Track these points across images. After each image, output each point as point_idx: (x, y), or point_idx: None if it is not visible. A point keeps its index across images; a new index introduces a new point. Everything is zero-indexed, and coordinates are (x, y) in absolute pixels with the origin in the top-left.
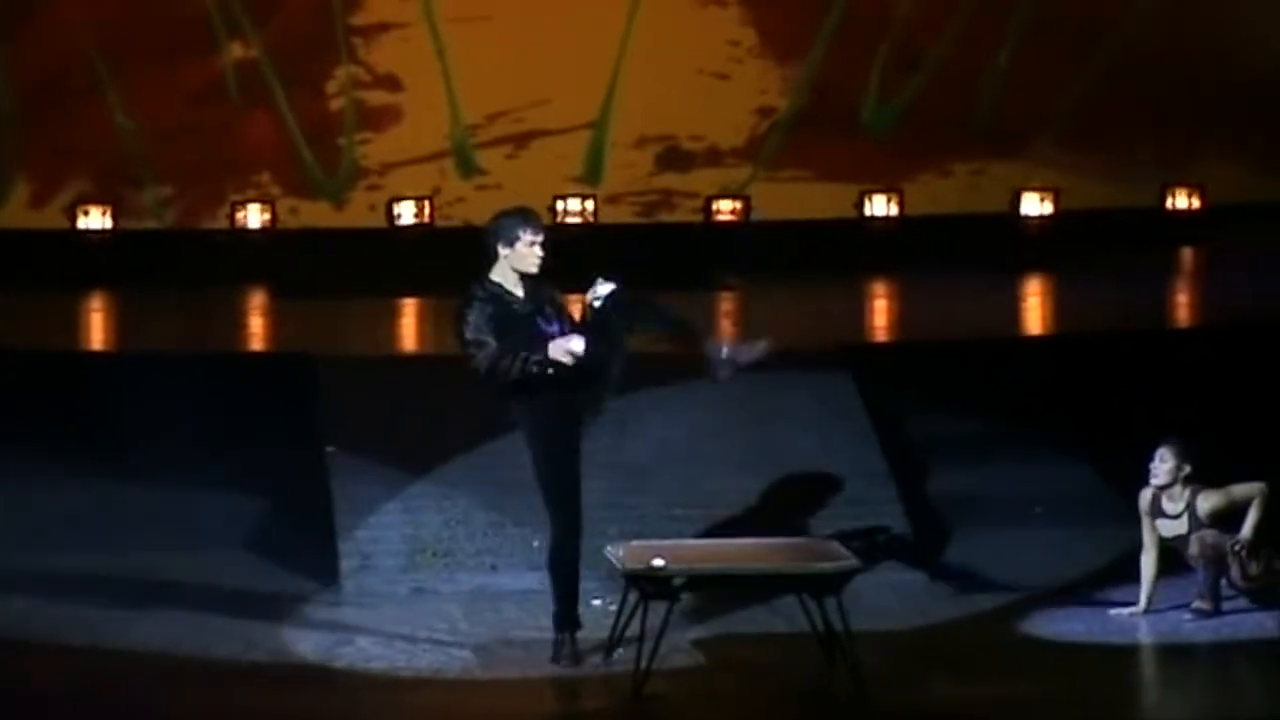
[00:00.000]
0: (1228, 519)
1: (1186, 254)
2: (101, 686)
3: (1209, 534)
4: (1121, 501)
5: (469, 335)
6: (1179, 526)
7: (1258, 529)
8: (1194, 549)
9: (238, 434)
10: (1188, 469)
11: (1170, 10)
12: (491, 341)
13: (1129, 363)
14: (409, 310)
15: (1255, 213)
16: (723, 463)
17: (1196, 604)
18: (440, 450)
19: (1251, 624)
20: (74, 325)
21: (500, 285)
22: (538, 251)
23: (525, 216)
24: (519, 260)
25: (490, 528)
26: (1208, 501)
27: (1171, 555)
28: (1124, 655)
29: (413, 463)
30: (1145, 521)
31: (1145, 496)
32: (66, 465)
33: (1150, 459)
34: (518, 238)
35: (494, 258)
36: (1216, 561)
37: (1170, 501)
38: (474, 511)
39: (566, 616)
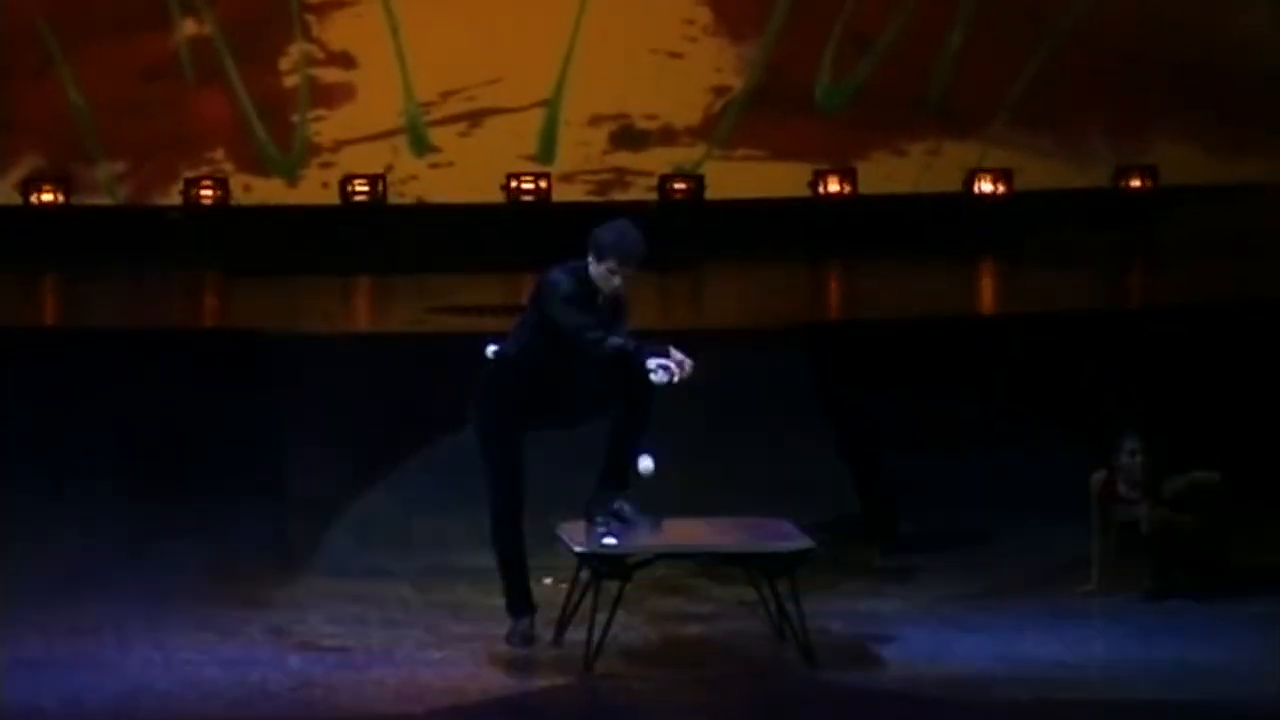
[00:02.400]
0: (1184, 503)
1: (1139, 235)
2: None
3: (1162, 514)
4: (1072, 483)
5: (564, 294)
6: (1133, 510)
7: (1209, 519)
8: (1145, 528)
9: (189, 410)
10: (1146, 454)
11: None
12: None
13: (1082, 344)
14: (362, 288)
15: (1207, 194)
16: (675, 441)
17: (1147, 585)
18: (394, 428)
19: (1200, 607)
20: (27, 301)
21: (588, 275)
22: (614, 282)
23: (626, 250)
24: (599, 277)
25: (444, 506)
26: (1167, 485)
27: (1124, 536)
28: (1072, 632)
29: (367, 440)
30: (1096, 505)
31: (1098, 479)
32: (16, 442)
33: (1107, 442)
34: (607, 257)
35: (589, 255)
36: (1168, 543)
37: (1125, 485)
38: (427, 489)
39: (518, 602)
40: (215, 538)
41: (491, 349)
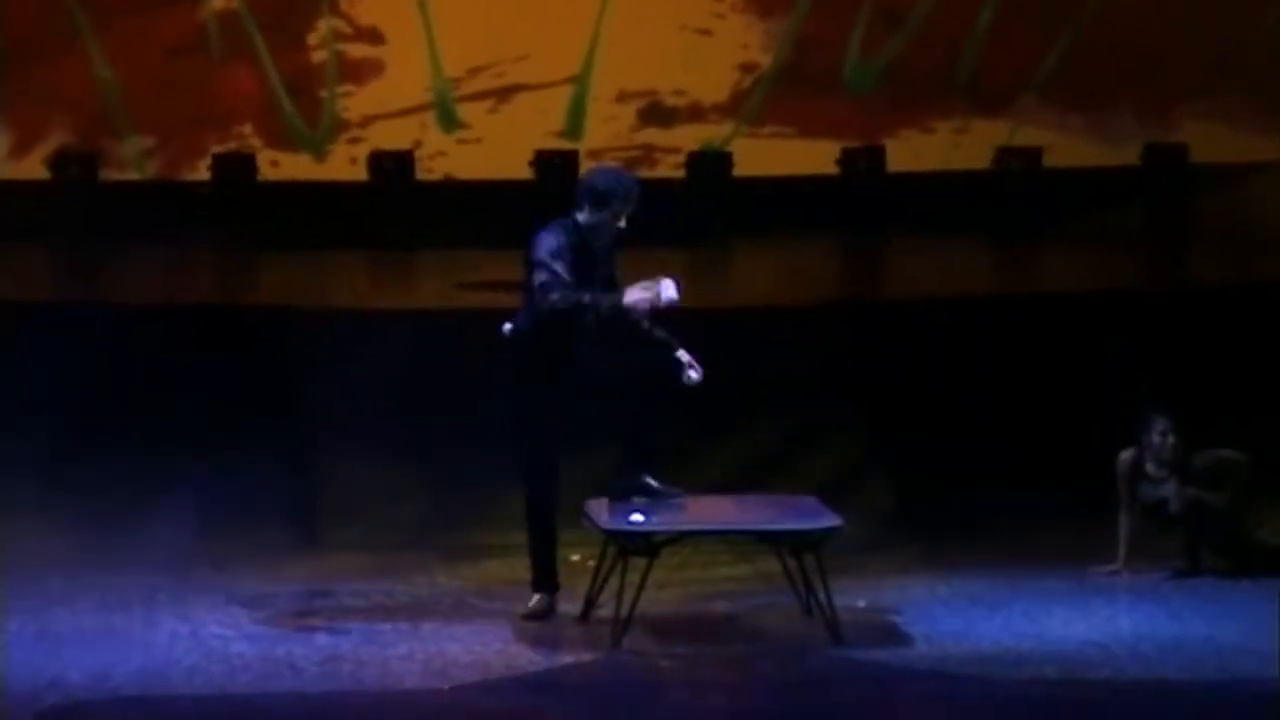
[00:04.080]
0: (1212, 483)
1: (1168, 214)
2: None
3: (1191, 493)
4: (1099, 461)
5: (543, 258)
6: (1161, 489)
7: (1235, 499)
8: (1175, 507)
9: (217, 385)
10: (1175, 433)
11: None
12: (564, 275)
13: (1108, 324)
14: (391, 263)
15: (1237, 172)
16: (701, 418)
17: (1176, 563)
18: (423, 404)
19: (1228, 585)
20: (51, 275)
21: (584, 229)
22: (619, 226)
23: (626, 190)
24: (599, 225)
25: (472, 482)
26: (1196, 462)
27: (1150, 515)
28: (1100, 611)
29: (395, 416)
30: (1123, 484)
31: (1125, 459)
32: (37, 414)
33: (1135, 421)
34: (608, 204)
35: (581, 207)
36: (1198, 522)
37: (1153, 464)
38: (455, 465)
39: (542, 579)
40: (242, 512)
41: (507, 328)
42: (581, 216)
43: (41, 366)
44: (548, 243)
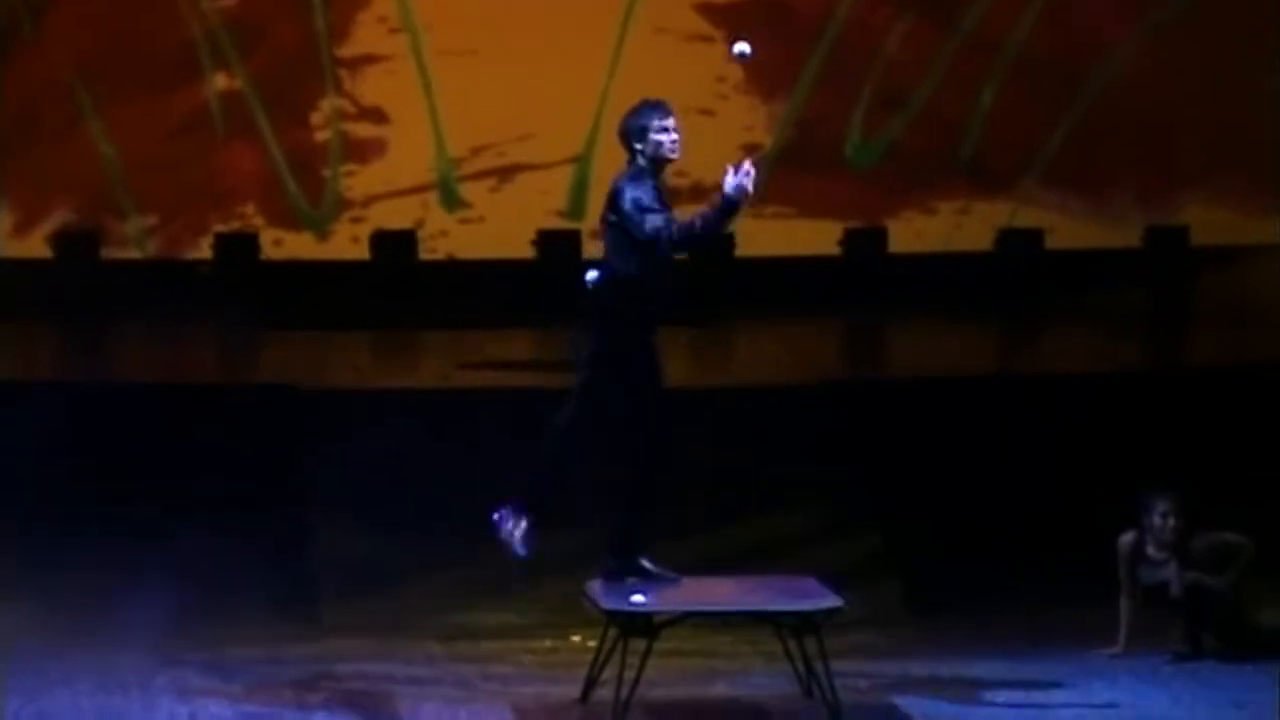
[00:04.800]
0: (1214, 566)
1: (1170, 296)
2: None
3: (1192, 576)
4: (1100, 544)
5: (642, 204)
6: (1162, 572)
7: (1236, 582)
8: (1176, 591)
9: (216, 463)
10: (1175, 516)
11: (1154, 50)
12: (666, 213)
13: (1110, 405)
14: (393, 343)
15: (1238, 254)
16: (703, 497)
17: (1177, 647)
18: (424, 484)
19: (1230, 669)
20: (54, 354)
21: (652, 161)
22: (672, 135)
23: (650, 103)
24: (655, 149)
25: (470, 561)
26: (1197, 545)
27: (1151, 598)
28: (1100, 693)
29: (394, 494)
30: (1124, 566)
31: (1126, 541)
32: (41, 493)
33: (1136, 503)
34: (647, 127)
35: (634, 158)
36: (1199, 605)
37: (1154, 546)
38: (455, 545)
39: (533, 495)
40: (241, 591)
41: (592, 275)
42: (642, 153)
43: (43, 445)
44: (636, 192)
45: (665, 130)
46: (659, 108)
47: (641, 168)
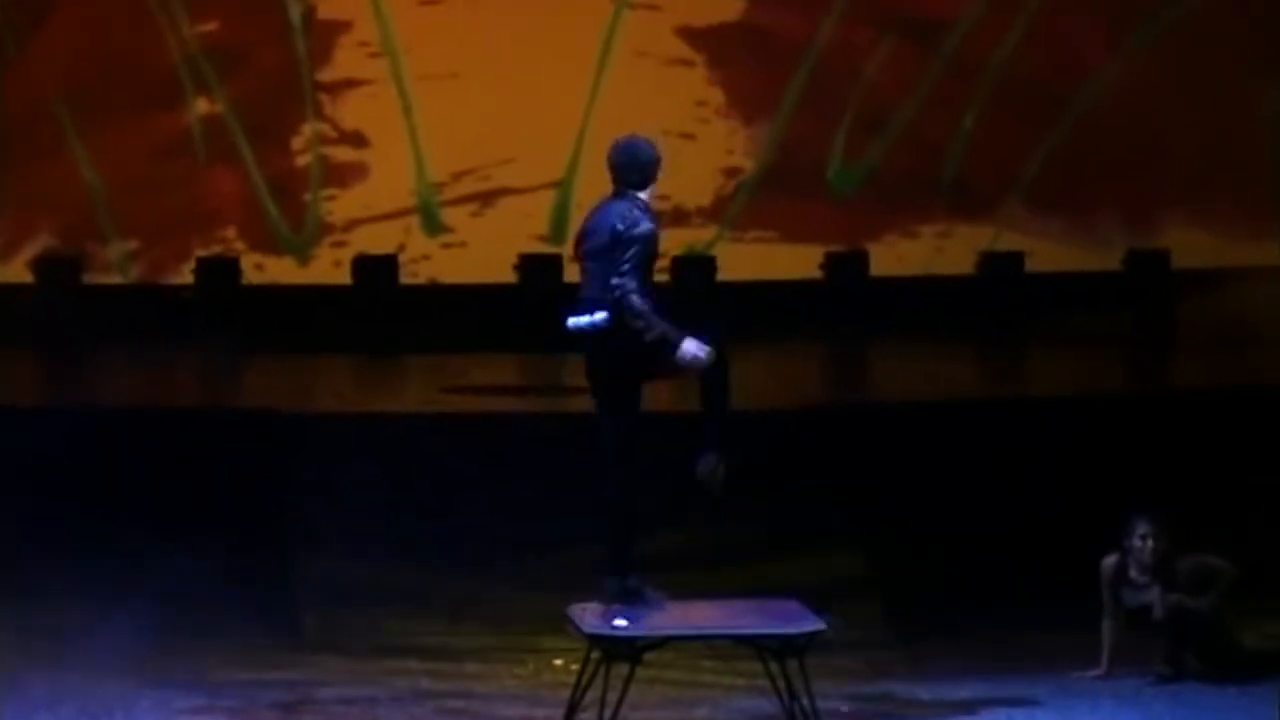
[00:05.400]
0: (1196, 588)
1: (1151, 319)
2: None
3: (1174, 599)
4: (1083, 567)
5: (642, 260)
6: (1145, 594)
7: (1219, 604)
8: (1159, 613)
9: (200, 488)
10: (1157, 538)
11: (1136, 75)
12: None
13: (1092, 428)
14: (375, 367)
15: (1219, 277)
16: (686, 522)
17: (1159, 669)
18: (406, 507)
19: (1212, 691)
20: (36, 379)
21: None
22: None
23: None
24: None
25: (453, 584)
26: (1180, 567)
27: (1134, 621)
28: (1082, 716)
29: (377, 519)
30: (1106, 589)
31: (1108, 564)
32: (23, 518)
33: (1118, 525)
34: (655, 178)
35: (642, 187)
36: (1181, 627)
37: (1136, 569)
38: (438, 567)
39: (613, 561)
40: (225, 614)
41: (585, 321)
42: (645, 194)
43: (25, 470)
44: (649, 244)
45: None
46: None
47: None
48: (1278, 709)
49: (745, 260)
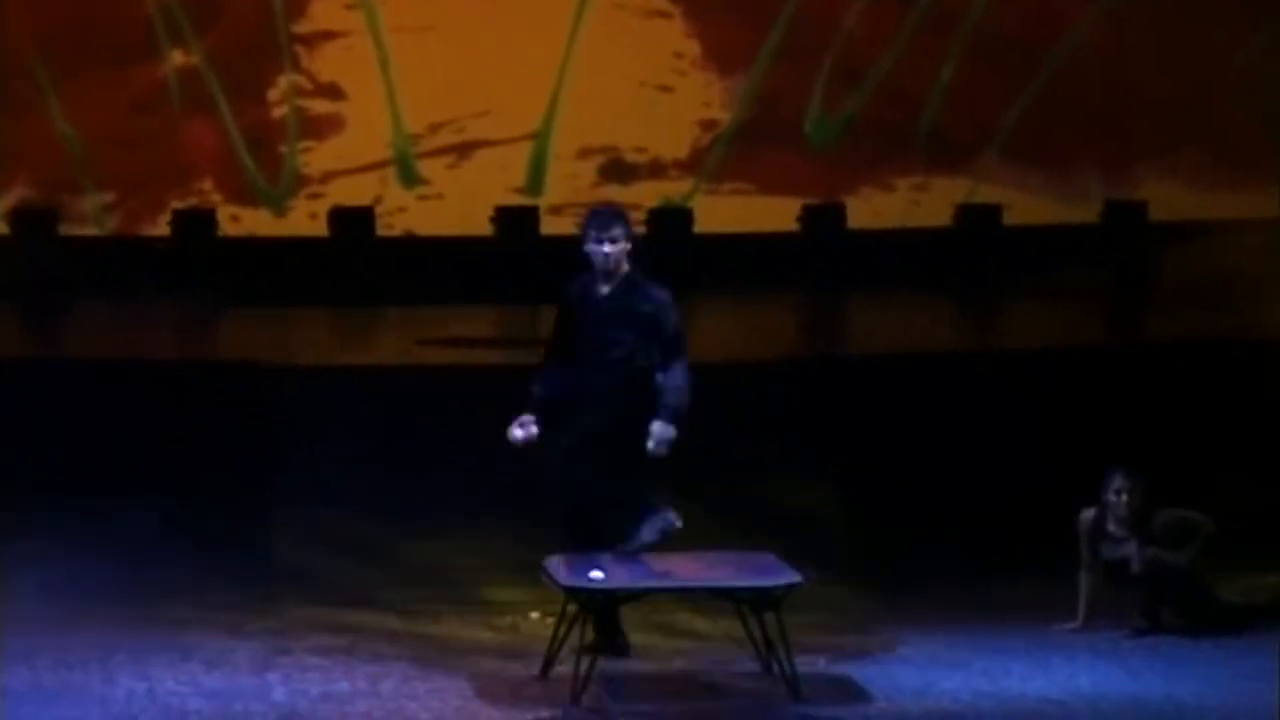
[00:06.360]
0: (1173, 542)
1: (1128, 271)
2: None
3: (1152, 552)
4: (1061, 519)
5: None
6: (1122, 547)
7: (1196, 558)
8: (1136, 567)
9: (177, 439)
10: (1134, 492)
11: (1113, 26)
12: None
13: (1069, 380)
14: (352, 320)
15: (1197, 229)
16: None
17: (1136, 622)
18: (383, 460)
19: (1188, 645)
20: (12, 331)
21: (585, 281)
22: (603, 250)
23: (592, 217)
24: (594, 258)
25: (431, 537)
26: (1157, 521)
27: (1111, 574)
28: (1059, 669)
29: (354, 471)
30: (1084, 542)
31: (1086, 517)
32: (5, 472)
33: (1096, 479)
34: (586, 237)
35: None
36: (1158, 581)
37: (1114, 523)
38: (414, 520)
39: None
40: (201, 567)
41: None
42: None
43: (1, 423)
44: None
45: (602, 244)
46: (594, 223)
47: (570, 287)
48: (1278, 663)
49: (722, 213)
